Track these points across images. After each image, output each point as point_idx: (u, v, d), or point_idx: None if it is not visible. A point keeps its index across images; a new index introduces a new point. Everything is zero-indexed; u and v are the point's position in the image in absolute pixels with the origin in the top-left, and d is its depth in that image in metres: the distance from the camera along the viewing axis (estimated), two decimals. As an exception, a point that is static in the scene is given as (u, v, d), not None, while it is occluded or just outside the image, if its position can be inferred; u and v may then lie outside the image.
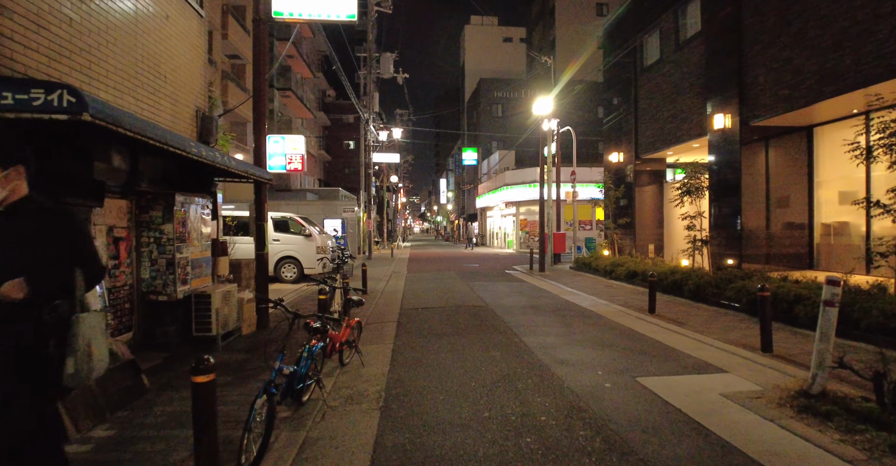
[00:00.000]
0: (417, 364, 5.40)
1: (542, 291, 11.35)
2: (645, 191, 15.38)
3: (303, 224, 13.30)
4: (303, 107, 29.91)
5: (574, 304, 9.36)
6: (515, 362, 5.38)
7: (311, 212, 24.23)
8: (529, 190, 27.60)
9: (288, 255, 13.18)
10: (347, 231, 23.95)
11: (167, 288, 5.92)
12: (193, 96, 6.86)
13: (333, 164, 44.47)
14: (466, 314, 8.31)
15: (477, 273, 15.92)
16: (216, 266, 7.36)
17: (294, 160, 11.86)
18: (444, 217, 71.46)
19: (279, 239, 13.21)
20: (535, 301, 9.82)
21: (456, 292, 11.16)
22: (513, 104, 43.18)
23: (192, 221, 6.40)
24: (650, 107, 14.52)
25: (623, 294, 10.68)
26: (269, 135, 12.18)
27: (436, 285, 12.51)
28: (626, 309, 8.70)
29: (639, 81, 15.22)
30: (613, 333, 6.84)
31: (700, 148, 12.98)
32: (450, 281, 13.61)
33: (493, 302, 9.60)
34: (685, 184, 10.78)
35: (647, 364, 5.29)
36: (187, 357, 5.70)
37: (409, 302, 9.69)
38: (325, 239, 13.69)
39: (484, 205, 38.16)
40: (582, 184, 22.60)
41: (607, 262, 13.96)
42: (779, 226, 11.15)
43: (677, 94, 13.05)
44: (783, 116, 9.62)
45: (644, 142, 14.90)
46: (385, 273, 15.74)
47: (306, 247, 13.18)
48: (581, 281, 13.30)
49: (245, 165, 6.43)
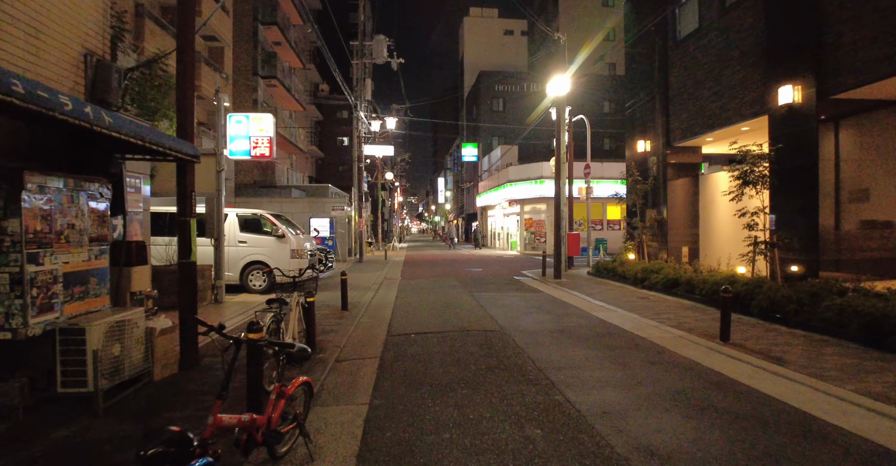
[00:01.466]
0: (406, 453, 3.22)
1: (565, 306, 9.18)
2: (676, 186, 13.22)
3: (275, 223, 11.12)
4: (290, 98, 27.70)
5: (614, 326, 7.19)
6: (570, 452, 3.20)
7: (295, 210, 22.04)
8: (535, 186, 25.47)
9: (257, 260, 10.99)
10: (337, 231, 21.77)
11: (11, 320, 3.75)
12: (79, 32, 4.67)
13: (326, 162, 42.36)
14: (477, 344, 6.13)
15: (481, 280, 13.75)
16: (123, 280, 5.18)
17: (261, 144, 9.71)
18: (443, 217, 69.28)
19: (246, 240, 11.03)
20: (562, 321, 7.64)
21: (459, 307, 8.98)
22: (515, 98, 41.00)
23: (70, 215, 4.22)
24: (686, 86, 12.38)
25: (667, 309, 8.52)
26: (230, 114, 10.02)
27: (434, 297, 10.33)
28: (686, 335, 6.54)
29: (670, 58, 13.07)
30: (696, 381, 4.67)
31: (751, 131, 10.85)
32: (450, 290, 11.43)
33: (509, 323, 7.42)
34: (746, 173, 8.63)
35: (796, 457, 3.12)
36: (41, 429, 3.56)
37: (399, 323, 7.51)
38: (301, 240, 11.50)
39: (485, 204, 36.00)
40: (595, 180, 20.48)
41: (637, 268, 11.81)
42: (853, 225, 9.03)
43: (722, 68, 10.90)
44: (880, 84, 7.49)
45: (677, 127, 12.76)
46: (375, 280, 13.56)
47: (278, 250, 10.99)
48: (607, 290, 11.13)
49: (158, 136, 4.26)
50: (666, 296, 10.05)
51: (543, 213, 25.66)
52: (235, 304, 9.30)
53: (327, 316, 8.02)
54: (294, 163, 31.79)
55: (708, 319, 7.59)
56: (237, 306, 9.06)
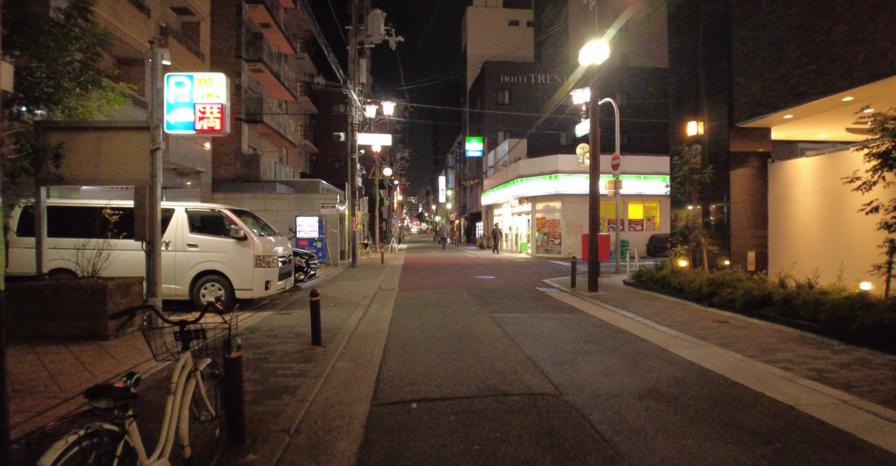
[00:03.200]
0: None
1: (627, 337, 6.62)
2: (738, 177, 10.67)
3: (234, 221, 8.57)
4: (279, 86, 25.17)
5: (725, 380, 4.62)
6: None
7: (280, 207, 19.47)
8: (549, 182, 22.91)
9: (211, 269, 8.44)
10: (328, 231, 19.23)
11: None
12: None
13: (321, 158, 39.84)
14: (527, 432, 3.49)
15: (498, 292, 11.20)
16: None
17: (209, 113, 7.16)
18: (444, 217, 66.66)
19: (197, 243, 8.49)
20: (640, 369, 5.06)
21: (480, 340, 6.42)
22: (521, 90, 38.43)
23: None
24: (758, 49, 9.83)
25: (771, 343, 5.96)
26: (168, 74, 7.48)
27: (442, 321, 7.77)
28: (858, 401, 3.98)
29: (733, 16, 10.52)
30: None
31: (854, 102, 8.33)
32: (462, 309, 8.89)
33: (562, 376, 4.84)
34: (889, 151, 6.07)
35: None
36: None
37: (394, 374, 4.94)
38: (270, 244, 8.95)
39: (490, 203, 33.43)
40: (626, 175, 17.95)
41: (700, 279, 9.25)
42: None
43: (818, 18, 8.36)
44: None
45: (744, 103, 10.20)
46: (367, 290, 11.00)
47: (238, 256, 8.44)
48: (665, 309, 8.58)
49: None
50: (751, 319, 7.50)
51: (558, 212, 23.11)
52: (170, 332, 6.75)
53: (289, 355, 5.48)
54: (286, 158, 29.25)
55: (855, 364, 5.04)
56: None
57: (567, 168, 22.43)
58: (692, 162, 10.50)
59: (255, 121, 21.72)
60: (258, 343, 6.06)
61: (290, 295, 10.22)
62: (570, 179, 22.41)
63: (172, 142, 15.09)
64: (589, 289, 10.68)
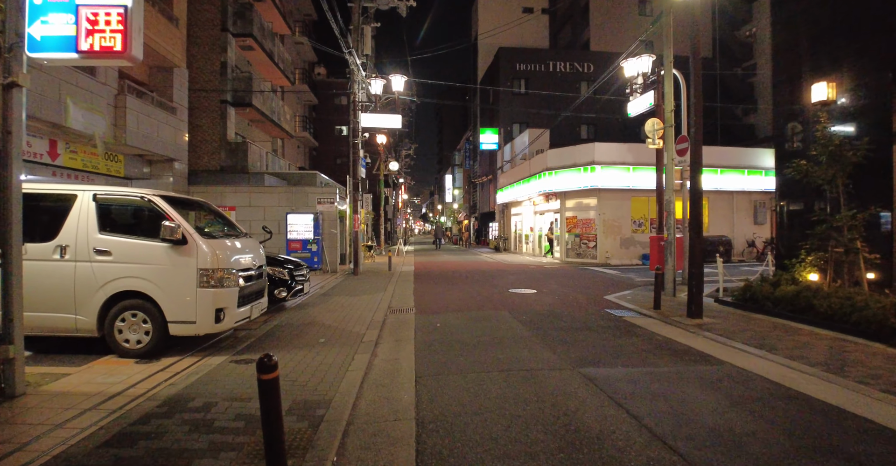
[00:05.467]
0: None
1: (838, 426, 3.50)
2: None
3: (169, 214, 5.46)
4: (273, 68, 22.15)
5: None
6: None
7: (269, 203, 16.39)
8: (582, 175, 19.76)
9: (131, 290, 5.35)
10: (327, 232, 16.18)
11: None
12: None
13: (321, 153, 36.84)
14: None
15: (558, 318, 8.08)
16: None
17: (102, 23, 4.16)
18: (450, 217, 63.50)
19: (110, 249, 5.39)
20: None
21: (595, 449, 3.32)
22: (538, 78, 35.27)
23: None
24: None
25: None
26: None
27: (506, 387, 4.66)
28: None
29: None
30: None
31: None
32: (527, 355, 5.78)
33: None
34: None
35: None
36: None
37: None
38: (231, 250, 5.83)
39: (508, 200, 30.26)
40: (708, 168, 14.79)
41: (882, 305, 6.11)
42: None
43: None
44: None
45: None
46: (371, 315, 7.90)
47: (173, 270, 5.34)
48: (835, 351, 5.44)
49: None
50: None
51: (593, 210, 19.95)
52: (39, 408, 3.68)
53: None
54: (281, 150, 26.21)
55: None
56: (41, 412, 3.47)
57: (605, 158, 19.29)
58: (835, 141, 7.35)
59: (243, 103, 18.70)
60: (158, 451, 2.97)
61: (266, 322, 7.15)
62: (609, 171, 19.27)
63: (130, 117, 12.07)
64: (688, 315, 7.54)
